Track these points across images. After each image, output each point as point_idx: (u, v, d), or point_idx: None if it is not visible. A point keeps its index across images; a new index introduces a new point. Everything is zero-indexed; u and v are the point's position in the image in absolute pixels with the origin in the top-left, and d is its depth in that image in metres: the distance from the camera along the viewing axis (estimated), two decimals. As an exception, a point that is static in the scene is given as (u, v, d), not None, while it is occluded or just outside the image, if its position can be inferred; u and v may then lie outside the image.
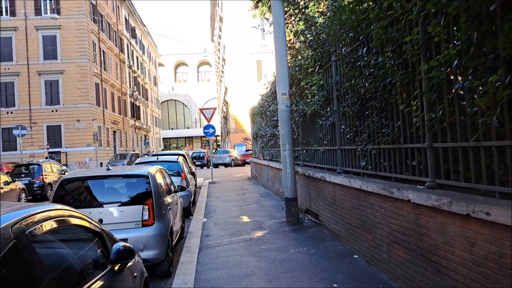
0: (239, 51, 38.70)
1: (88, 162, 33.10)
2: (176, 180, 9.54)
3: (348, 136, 5.69)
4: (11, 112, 32.40)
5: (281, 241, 6.21)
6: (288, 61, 8.10)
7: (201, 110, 18.23)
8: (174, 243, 6.14)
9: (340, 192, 5.81)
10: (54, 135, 33.04)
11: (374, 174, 5.04)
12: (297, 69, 8.25)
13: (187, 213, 9.58)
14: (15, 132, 20.37)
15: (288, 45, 8.13)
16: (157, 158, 10.03)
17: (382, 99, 4.63)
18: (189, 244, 6.59)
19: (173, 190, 6.96)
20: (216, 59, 63.84)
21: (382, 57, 4.37)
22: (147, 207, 5.11)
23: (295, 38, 8.59)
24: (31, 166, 15.10)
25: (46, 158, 30.70)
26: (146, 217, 5.08)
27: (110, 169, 5.51)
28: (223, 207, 10.22)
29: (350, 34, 5.41)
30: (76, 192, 5.27)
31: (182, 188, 7.27)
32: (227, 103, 42.76)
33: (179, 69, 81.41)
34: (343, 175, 5.84)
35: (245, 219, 8.38)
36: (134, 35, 52.49)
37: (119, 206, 5.09)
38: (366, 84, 4.92)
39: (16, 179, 13.35)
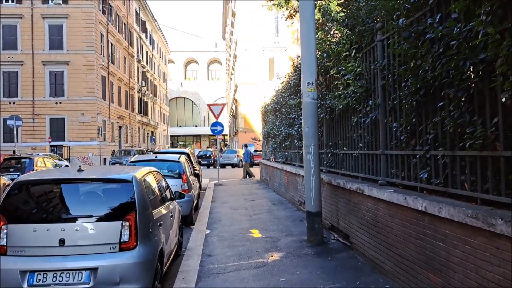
0: (251, 48, 37.30)
1: (91, 157, 31.97)
2: (177, 183, 8.20)
3: (402, 138, 4.26)
4: (14, 103, 31.36)
5: (304, 270, 4.80)
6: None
7: (209, 106, 16.90)
8: (166, 268, 4.77)
9: (387, 212, 4.39)
10: (57, 128, 31.95)
11: (442, 191, 3.63)
12: (325, 55, 6.85)
13: (187, 222, 8.22)
14: (9, 122, 19.23)
15: (316, 25, 6.75)
16: (156, 157, 8.67)
17: (466, 86, 3.21)
18: (185, 267, 5.22)
19: (169, 197, 5.60)
20: (227, 57, 62.64)
21: (475, 22, 2.94)
22: (128, 223, 3.74)
23: (324, 18, 7.19)
24: (22, 160, 13.89)
25: (53, 151, 29.66)
26: (126, 237, 3.71)
27: (82, 170, 4.15)
28: (229, 216, 8.83)
29: (412, 0, 4.00)
30: (34, 200, 3.91)
31: (180, 196, 5.91)
32: (236, 101, 41.44)
33: (189, 67, 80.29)
34: (391, 189, 4.42)
35: (256, 233, 6.99)
36: (144, 29, 51.41)
37: (90, 221, 3.73)
38: (438, 65, 3.50)
39: (1, 174, 12.10)
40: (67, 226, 3.64)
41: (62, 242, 3.58)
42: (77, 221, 3.70)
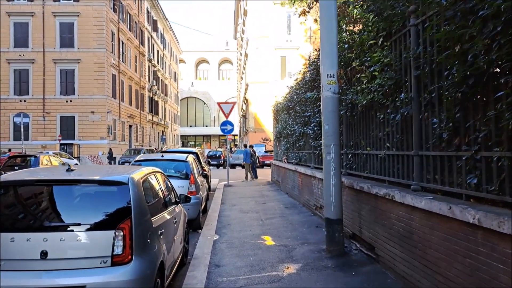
0: (263, 46, 36.70)
1: (101, 156, 31.74)
2: (184, 184, 7.68)
3: (443, 136, 3.64)
4: (24, 101, 31.30)
5: (325, 287, 4.20)
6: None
7: (219, 104, 16.35)
8: (168, 281, 4.21)
9: (425, 222, 3.76)
10: (67, 126, 31.79)
11: (495, 200, 3.01)
12: (346, 46, 6.24)
13: (195, 226, 7.68)
14: (16, 120, 18.98)
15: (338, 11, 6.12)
16: (162, 156, 8.14)
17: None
18: (191, 279, 4.66)
19: (173, 200, 5.05)
20: (238, 56, 62.21)
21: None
22: (122, 233, 3.20)
23: (346, 4, 6.56)
24: (27, 158, 13.54)
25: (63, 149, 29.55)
26: (119, 249, 3.17)
27: (72, 170, 3.62)
28: (239, 220, 8.26)
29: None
30: (13, 204, 3.40)
31: (186, 199, 5.34)
32: (247, 100, 40.90)
33: (200, 66, 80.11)
34: (429, 195, 3.80)
35: (269, 241, 6.40)
36: (155, 28, 51.19)
37: (77, 230, 3.19)
38: (495, 47, 2.89)
39: (3, 173, 11.75)
40: (50, 236, 3.11)
41: (44, 255, 3.05)
42: (62, 230, 3.17)
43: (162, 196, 4.42)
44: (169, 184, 5.14)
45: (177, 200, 5.20)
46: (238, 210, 9.57)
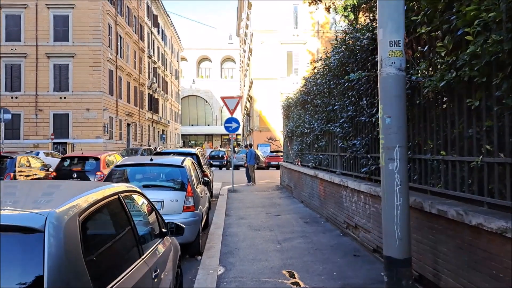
0: (268, 41, 34.85)
1: (96, 156, 29.97)
2: (178, 197, 5.89)
3: None
4: (16, 97, 29.53)
5: None
6: None
7: (223, 98, 14.54)
8: None
9: None
10: (61, 124, 30.03)
11: None
12: (405, 8, 4.45)
13: (192, 251, 5.92)
14: (-4, 116, 17.21)
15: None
16: (151, 160, 6.32)
17: None
18: None
19: (157, 232, 3.28)
20: (241, 53, 60.47)
21: None
22: None
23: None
24: (3, 159, 11.79)
25: (56, 148, 27.86)
26: None
27: None
28: (250, 242, 6.46)
29: None
30: None
31: (178, 230, 3.52)
32: (251, 98, 39.08)
33: (202, 64, 78.38)
34: None
35: (295, 280, 4.60)
36: (156, 24, 49.39)
37: None
38: None
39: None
40: None
41: None
42: None
43: (132, 235, 2.61)
44: (151, 208, 3.35)
45: (163, 231, 3.42)
46: (247, 226, 7.76)
